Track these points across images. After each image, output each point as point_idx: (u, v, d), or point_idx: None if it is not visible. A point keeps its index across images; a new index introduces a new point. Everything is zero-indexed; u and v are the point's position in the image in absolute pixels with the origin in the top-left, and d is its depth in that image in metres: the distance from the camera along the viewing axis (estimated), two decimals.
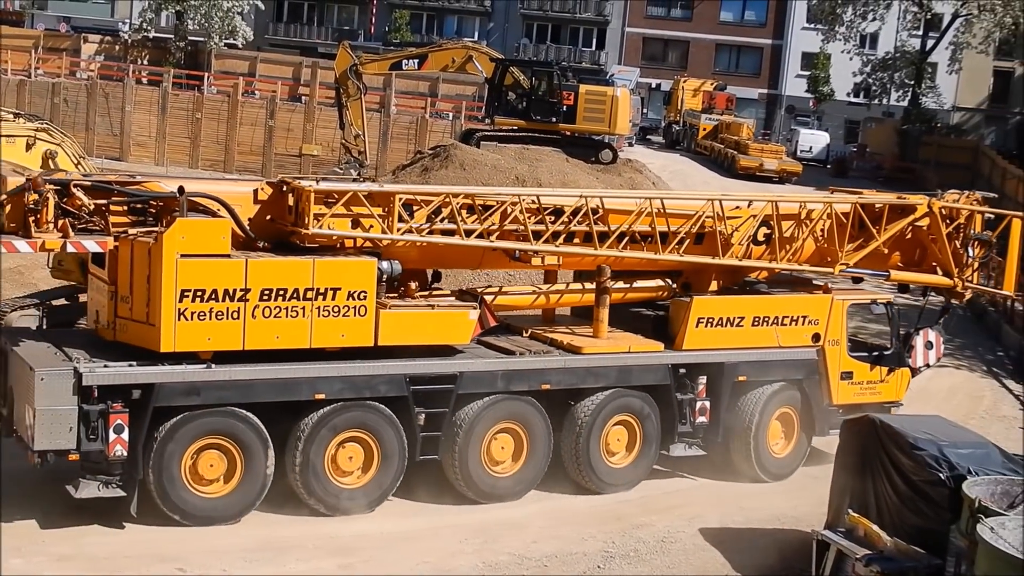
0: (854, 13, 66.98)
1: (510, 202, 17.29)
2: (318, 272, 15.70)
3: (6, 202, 14.65)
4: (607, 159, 39.26)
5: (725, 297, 19.29)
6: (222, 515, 15.69)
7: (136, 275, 15.21)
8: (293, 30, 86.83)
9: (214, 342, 15.21)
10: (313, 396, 15.95)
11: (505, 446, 17.45)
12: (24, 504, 15.45)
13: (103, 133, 59.28)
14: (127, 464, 15.03)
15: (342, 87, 40.30)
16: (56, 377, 14.60)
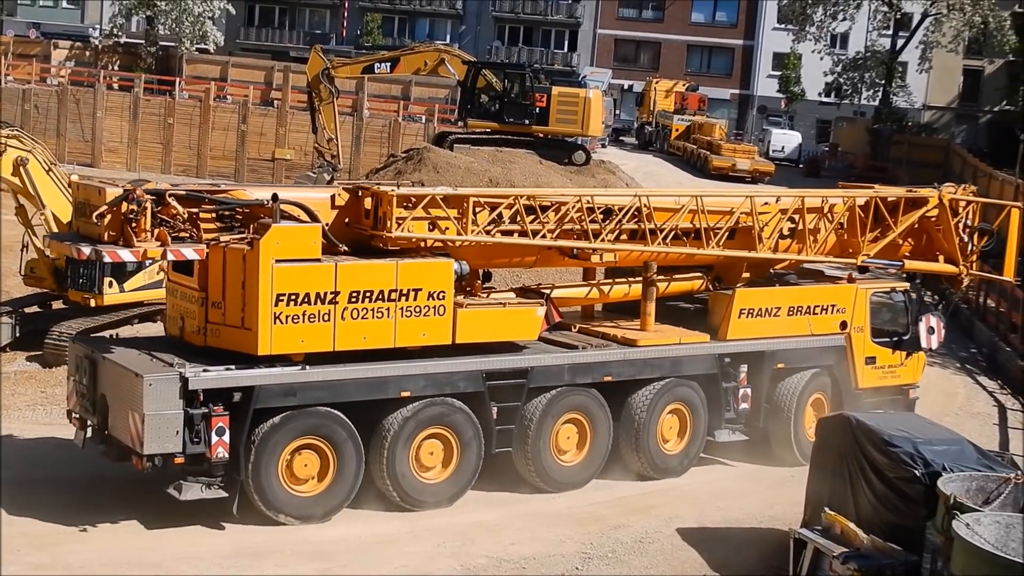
0: (824, 13, 67.20)
1: (571, 203, 17.99)
2: (401, 274, 16.32)
3: (106, 212, 14.92)
4: (580, 161, 39.28)
5: (765, 289, 20.43)
6: (316, 513, 16.17)
7: (229, 281, 15.68)
8: (265, 34, 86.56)
9: (307, 344, 15.73)
10: (399, 394, 16.56)
11: (571, 436, 18.27)
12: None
13: (74, 139, 58.99)
14: (228, 465, 15.46)
15: (314, 91, 40.20)
16: (163, 382, 15.01)
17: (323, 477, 16.20)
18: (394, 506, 16.83)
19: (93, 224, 15.13)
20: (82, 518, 15.70)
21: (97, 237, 15.07)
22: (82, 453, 16.81)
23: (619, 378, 18.61)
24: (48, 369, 24.35)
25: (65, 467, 17.69)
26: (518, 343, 17.88)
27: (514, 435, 17.67)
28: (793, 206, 20.30)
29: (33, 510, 15.86)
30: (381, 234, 16.55)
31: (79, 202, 15.83)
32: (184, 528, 15.67)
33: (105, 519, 15.68)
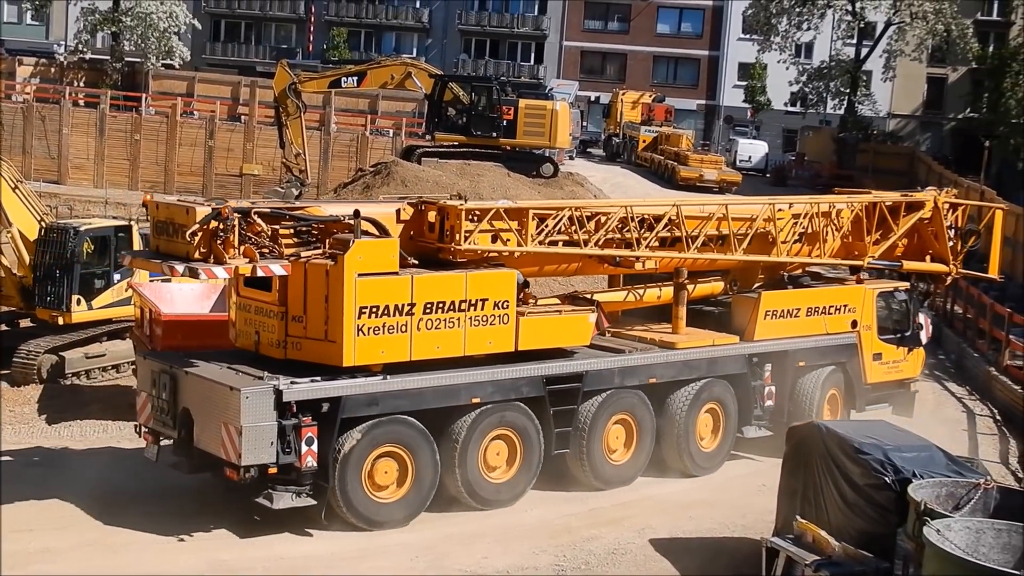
0: (789, 23, 67.56)
1: (617, 213, 19.02)
2: (470, 285, 17.06)
3: (198, 231, 15.36)
4: (548, 173, 39.33)
5: (787, 291, 21.69)
6: (396, 519, 16.77)
7: (311, 296, 16.17)
8: (231, 49, 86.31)
9: (387, 355, 16.37)
10: (471, 400, 17.29)
11: (619, 436, 19.18)
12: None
13: (40, 156, 58.67)
14: (316, 474, 15.93)
15: (281, 106, 40.14)
16: (259, 395, 15.46)
17: (402, 483, 16.81)
18: (464, 507, 17.50)
19: (177, 242, 15.65)
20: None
21: (185, 255, 15.54)
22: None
23: (662, 379, 19.60)
24: (17, 388, 24.19)
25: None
26: (569, 348, 18.69)
27: (571, 437, 18.46)
28: (804, 211, 21.48)
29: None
30: (450, 246, 17.28)
31: (159, 221, 16.21)
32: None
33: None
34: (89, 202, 52.08)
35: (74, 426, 21.47)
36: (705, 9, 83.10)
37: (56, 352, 25.14)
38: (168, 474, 17.41)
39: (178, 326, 21.99)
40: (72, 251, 25.29)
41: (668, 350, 19.78)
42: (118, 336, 26.15)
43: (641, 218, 19.35)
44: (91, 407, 23.06)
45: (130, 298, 24.87)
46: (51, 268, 25.52)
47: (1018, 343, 27.86)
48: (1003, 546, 11.86)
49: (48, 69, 67.09)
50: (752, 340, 20.84)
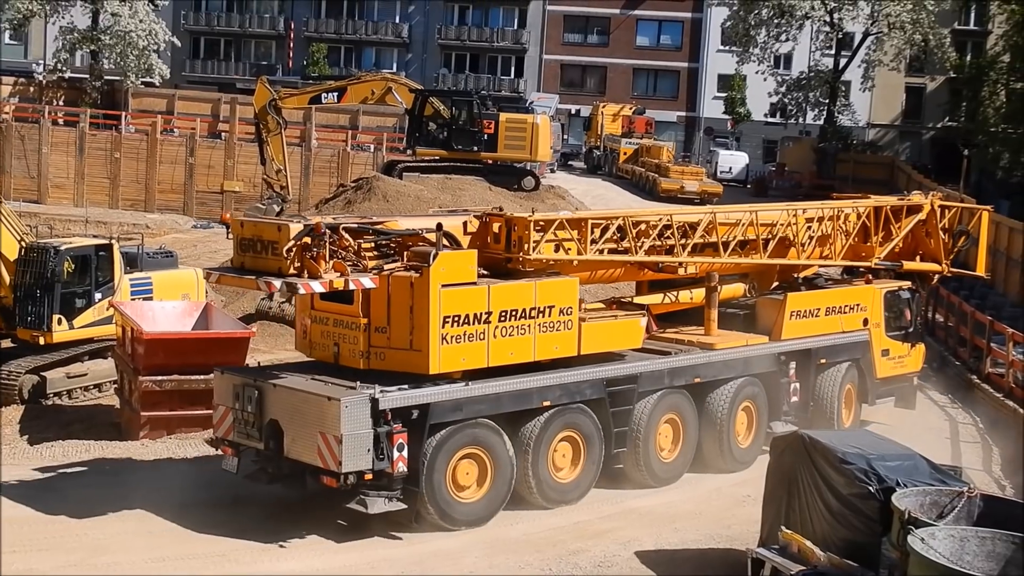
0: (767, 35, 67.85)
1: (661, 222, 19.97)
2: (539, 292, 17.80)
3: (294, 247, 15.90)
4: (529, 186, 39.46)
5: (809, 292, 22.81)
6: (478, 518, 17.42)
7: (395, 307, 16.84)
8: (210, 66, 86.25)
9: (467, 362, 17.06)
10: (541, 403, 17.98)
11: (668, 435, 20.02)
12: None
13: (20, 176, 58.54)
14: (407, 479, 16.50)
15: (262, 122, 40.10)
16: (356, 404, 16.01)
17: (482, 483, 17.47)
18: (532, 505, 18.10)
19: (267, 259, 16.16)
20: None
21: (277, 271, 16.03)
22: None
23: (704, 379, 20.43)
24: None
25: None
26: (620, 352, 19.42)
27: (627, 436, 19.23)
28: (817, 216, 22.71)
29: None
30: (518, 256, 17.94)
31: (244, 239, 16.64)
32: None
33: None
34: (69, 221, 51.87)
35: (56, 446, 21.36)
36: (684, 21, 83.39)
37: (37, 372, 25.03)
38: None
39: (160, 344, 22.00)
40: (53, 271, 25.21)
41: (709, 351, 20.68)
42: (100, 355, 26.04)
43: (680, 225, 20.29)
44: (73, 427, 22.97)
45: (111, 317, 24.80)
46: (32, 288, 25.43)
47: (1000, 351, 27.96)
48: (987, 554, 11.88)
49: (27, 88, 67.01)
50: (779, 339, 21.89)
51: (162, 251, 29.65)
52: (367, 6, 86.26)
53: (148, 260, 27.48)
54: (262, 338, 28.86)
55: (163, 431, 21.72)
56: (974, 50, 76.34)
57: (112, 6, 64.30)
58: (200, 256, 44.83)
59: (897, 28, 64.47)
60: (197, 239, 52.73)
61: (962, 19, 77.70)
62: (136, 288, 26.44)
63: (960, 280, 38.68)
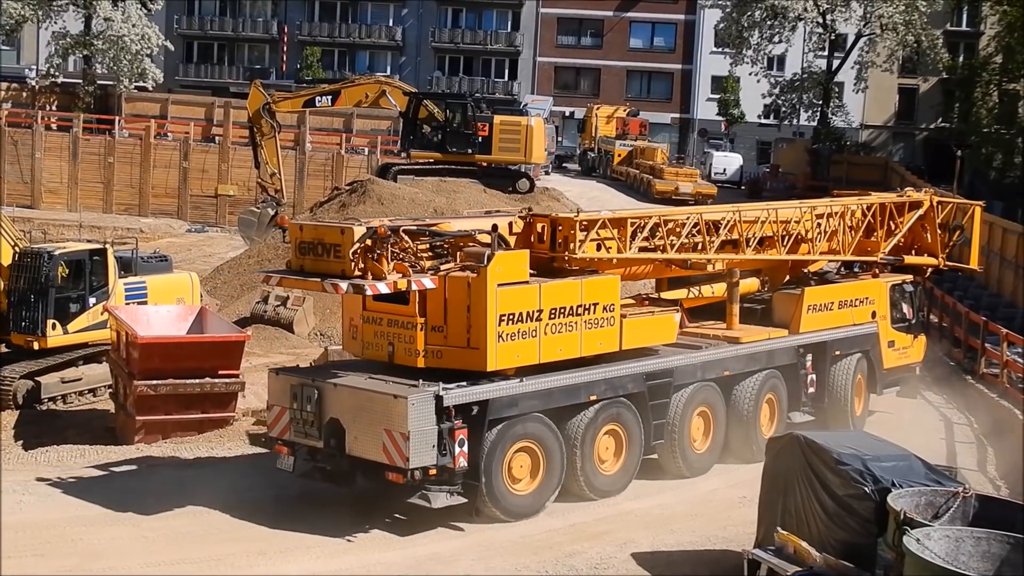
0: (760, 36, 67.89)
1: (692, 220, 20.57)
2: (585, 290, 18.37)
3: (359, 249, 16.34)
4: (524, 188, 39.46)
5: (824, 287, 23.73)
6: (531, 509, 17.97)
7: (452, 306, 17.24)
8: (204, 70, 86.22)
9: (521, 359, 17.57)
10: (588, 398, 18.57)
11: (699, 427, 20.70)
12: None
13: (13, 181, 58.48)
14: (467, 473, 17.02)
15: (256, 126, 40.15)
16: (423, 401, 16.48)
17: (534, 476, 17.97)
18: (579, 497, 18.62)
19: (329, 261, 16.55)
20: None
21: (340, 273, 16.41)
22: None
23: (733, 372, 21.13)
24: None
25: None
26: (654, 347, 20.04)
27: (665, 428, 19.89)
28: (827, 212, 23.47)
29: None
30: (563, 255, 18.52)
31: (304, 242, 16.99)
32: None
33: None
34: (63, 226, 51.88)
35: (51, 451, 21.33)
36: (677, 23, 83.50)
37: (32, 377, 24.98)
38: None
39: (155, 349, 21.98)
40: (47, 275, 25.15)
41: (736, 345, 21.32)
42: (94, 360, 26.00)
43: (707, 223, 20.88)
44: (68, 432, 22.91)
45: (106, 322, 24.77)
46: (26, 293, 25.37)
47: (994, 351, 28.00)
48: (982, 554, 11.91)
49: (20, 94, 66.90)
50: (798, 333, 22.61)
51: (156, 255, 29.62)
52: (360, 9, 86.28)
53: (143, 264, 27.43)
54: (257, 342, 28.84)
55: (158, 435, 21.69)
56: (966, 51, 76.55)
57: (105, 11, 64.23)
58: (195, 260, 44.87)
59: (890, 29, 64.55)
60: (191, 243, 52.75)
61: (954, 20, 77.88)
62: (131, 292, 26.39)
63: (954, 281, 38.87)
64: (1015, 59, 63.46)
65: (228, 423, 22.36)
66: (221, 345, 22.57)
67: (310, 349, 29.19)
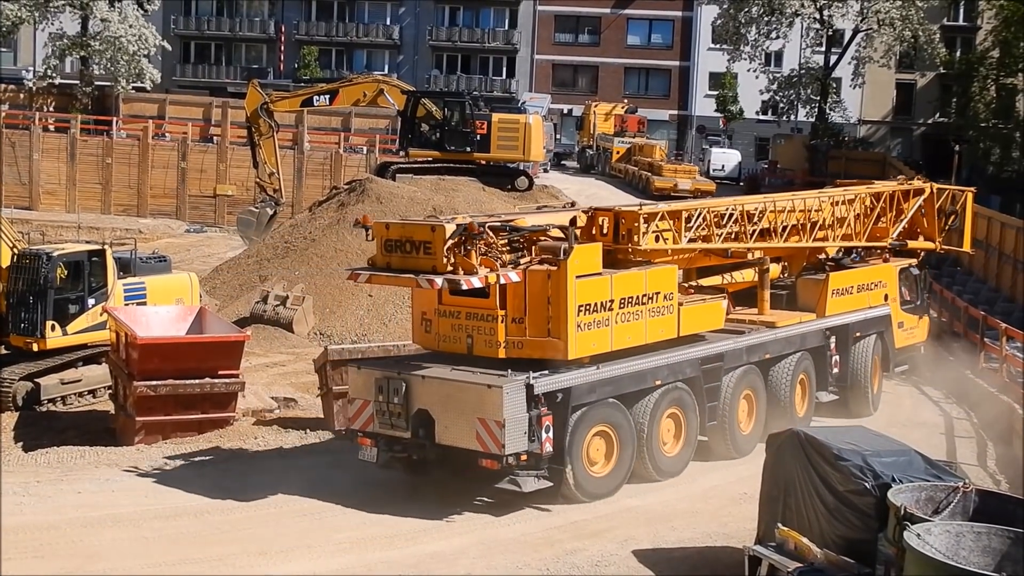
0: (758, 32, 67.80)
1: (736, 211, 21.58)
2: (648, 280, 19.32)
3: (452, 246, 17.10)
4: (523, 186, 39.46)
5: (845, 271, 25.01)
6: (608, 490, 18.83)
7: (532, 298, 17.94)
8: (201, 71, 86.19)
9: (596, 347, 18.40)
10: (654, 383, 19.49)
11: (745, 409, 21.68)
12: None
13: (11, 183, 58.41)
14: (552, 458, 17.77)
15: (254, 126, 40.16)
16: (515, 390, 17.23)
17: (609, 458, 18.81)
18: (645, 479, 19.49)
19: (418, 258, 17.33)
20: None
21: (431, 269, 17.18)
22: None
23: (772, 355, 22.23)
24: None
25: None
26: (702, 333, 20.95)
27: (717, 411, 20.86)
28: (843, 201, 24.71)
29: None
30: (627, 247, 19.46)
31: (391, 240, 17.76)
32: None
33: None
34: (62, 227, 51.86)
35: (51, 453, 21.33)
36: (674, 20, 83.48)
37: (31, 379, 24.98)
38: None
39: (155, 349, 21.99)
40: (45, 277, 25.14)
41: (773, 329, 22.41)
42: (94, 361, 26.00)
43: (743, 214, 21.83)
44: (68, 433, 22.92)
45: (105, 323, 24.77)
46: (24, 294, 25.37)
47: (993, 346, 28.01)
48: (983, 549, 11.90)
49: (17, 95, 66.80)
50: (824, 316, 23.82)
51: (155, 256, 29.60)
52: (357, 8, 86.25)
53: (141, 265, 27.42)
54: (257, 342, 28.83)
55: (158, 436, 21.69)
56: (963, 46, 76.48)
57: (102, 11, 64.15)
58: (193, 260, 44.86)
59: (887, 25, 64.48)
60: (190, 243, 52.73)
61: (951, 15, 77.84)
62: (130, 293, 26.39)
63: (953, 276, 38.92)
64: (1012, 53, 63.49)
65: (228, 423, 22.35)
66: (221, 345, 22.57)
67: (310, 349, 29.19)
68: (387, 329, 30.74)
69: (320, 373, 23.04)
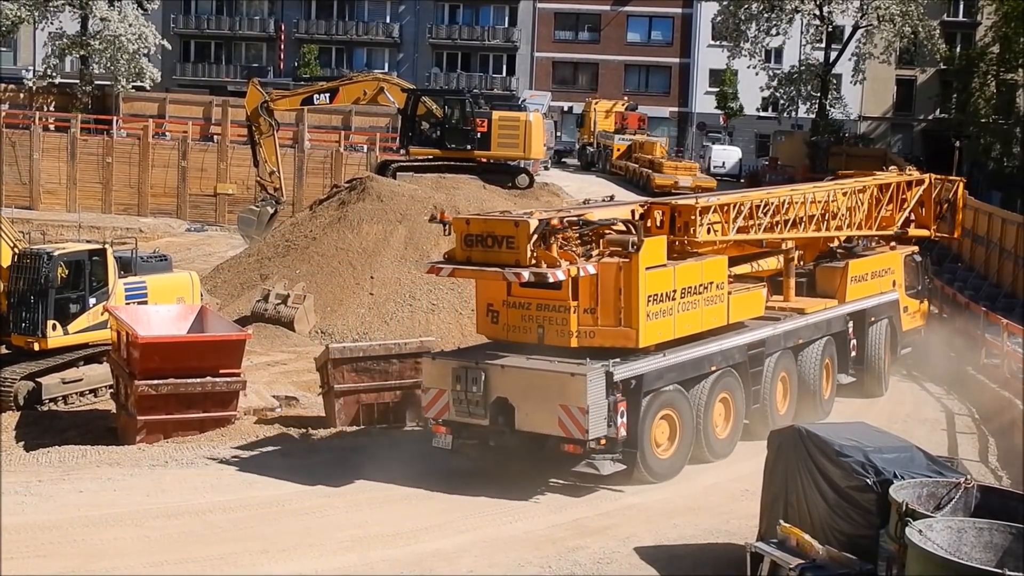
0: (758, 29, 67.82)
1: (773, 203, 22.75)
2: (704, 271, 20.35)
3: (539, 240, 17.70)
4: (523, 184, 39.41)
5: (862, 259, 26.12)
6: (672, 472, 19.76)
7: (604, 289, 18.77)
8: (201, 69, 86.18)
9: (662, 335, 19.37)
10: (710, 369, 20.44)
11: (780, 392, 22.65)
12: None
13: (11, 182, 58.37)
14: (625, 442, 18.67)
15: (254, 124, 40.14)
16: (597, 378, 18.03)
17: (672, 441, 19.72)
18: (700, 460, 20.37)
19: (501, 252, 17.86)
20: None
21: (514, 263, 17.73)
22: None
23: (803, 340, 23.28)
24: None
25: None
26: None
27: (760, 394, 21.83)
28: (855, 191, 25.88)
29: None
30: (685, 239, 20.44)
31: (471, 235, 18.28)
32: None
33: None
34: (62, 226, 51.83)
35: (52, 452, 21.32)
36: (674, 17, 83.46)
37: (32, 378, 24.97)
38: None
39: (156, 348, 21.98)
40: (46, 276, 25.13)
41: (803, 315, 23.39)
42: (95, 360, 25.99)
43: (777, 205, 22.92)
44: (69, 432, 22.91)
45: (106, 322, 24.76)
46: (25, 294, 25.35)
47: (995, 341, 27.99)
48: (985, 545, 11.91)
49: (17, 95, 66.74)
50: (844, 302, 24.95)
51: (156, 255, 29.60)
52: (357, 7, 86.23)
53: (142, 264, 27.42)
54: (258, 340, 28.83)
55: (160, 435, 21.68)
56: (964, 42, 76.47)
57: (101, 11, 64.12)
58: (194, 259, 44.84)
59: (887, 21, 64.49)
60: (191, 243, 52.71)
61: (951, 11, 77.85)
62: (131, 292, 26.38)
63: (954, 272, 38.90)
64: (1012, 49, 63.45)
65: (230, 422, 22.33)
66: (222, 344, 22.56)
67: (311, 347, 29.19)
68: (388, 327, 30.74)
69: (321, 371, 23.07)
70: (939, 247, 39.00)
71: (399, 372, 22.80)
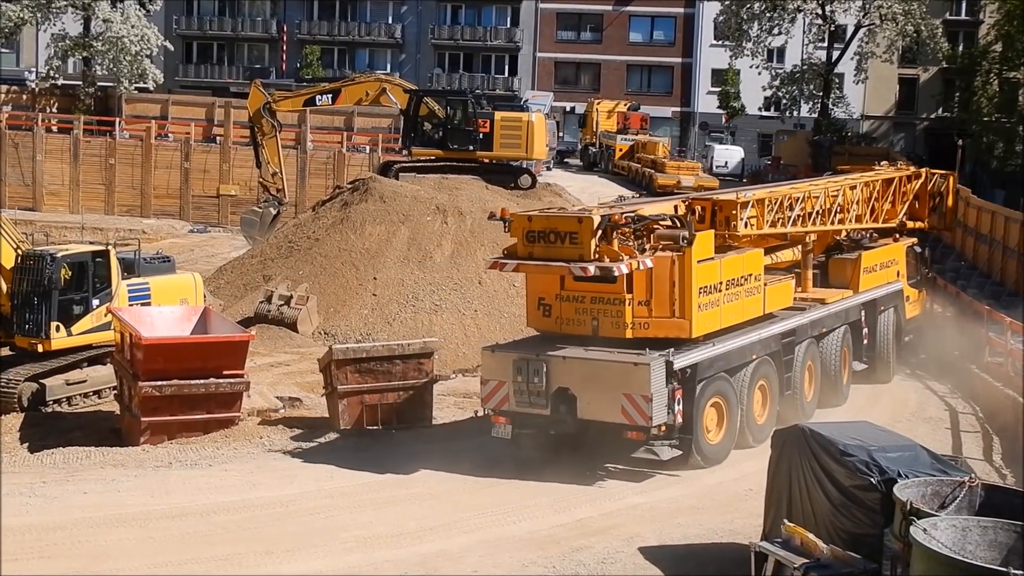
0: (760, 28, 67.81)
1: (802, 197, 23.74)
2: (745, 263, 21.21)
3: (602, 236, 18.44)
4: (526, 184, 39.39)
5: (872, 250, 27.13)
6: (720, 456, 20.57)
7: (657, 282, 19.48)
8: (204, 71, 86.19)
9: (710, 325, 20.18)
10: (751, 357, 21.31)
11: (807, 379, 23.53)
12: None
13: (14, 184, 58.43)
14: (681, 428, 19.51)
15: (256, 125, 40.12)
16: (659, 367, 18.81)
17: (719, 427, 20.53)
18: (743, 445, 21.06)
19: (563, 248, 18.52)
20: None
21: (578, 258, 18.38)
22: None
23: (826, 329, 24.32)
24: None
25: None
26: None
27: (791, 381, 22.63)
28: (863, 185, 26.71)
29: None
30: (726, 233, 21.23)
31: (534, 231, 18.93)
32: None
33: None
34: (65, 228, 51.87)
35: (56, 453, 21.34)
36: (676, 17, 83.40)
37: (36, 380, 24.97)
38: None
39: (159, 350, 21.99)
40: (50, 278, 25.12)
41: (824, 305, 24.33)
42: (99, 362, 25.99)
43: (800, 199, 23.71)
44: (73, 434, 22.92)
45: (109, 323, 24.77)
46: (29, 295, 25.35)
47: (998, 340, 27.98)
48: (989, 543, 11.89)
49: (20, 96, 66.78)
50: (858, 292, 25.96)
51: (159, 256, 29.59)
52: (359, 7, 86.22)
53: (145, 265, 27.41)
54: (261, 341, 28.86)
55: (164, 436, 21.69)
56: (966, 40, 76.41)
57: (104, 12, 64.15)
58: (197, 261, 44.86)
59: (889, 20, 64.47)
60: (194, 244, 52.74)
61: (953, 10, 77.79)
62: (134, 294, 26.37)
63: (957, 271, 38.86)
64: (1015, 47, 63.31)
65: (233, 423, 22.34)
66: (225, 345, 22.56)
67: (314, 348, 29.21)
68: (391, 328, 30.75)
69: (325, 372, 23.07)
70: (942, 245, 39.44)
71: (402, 373, 22.80)
